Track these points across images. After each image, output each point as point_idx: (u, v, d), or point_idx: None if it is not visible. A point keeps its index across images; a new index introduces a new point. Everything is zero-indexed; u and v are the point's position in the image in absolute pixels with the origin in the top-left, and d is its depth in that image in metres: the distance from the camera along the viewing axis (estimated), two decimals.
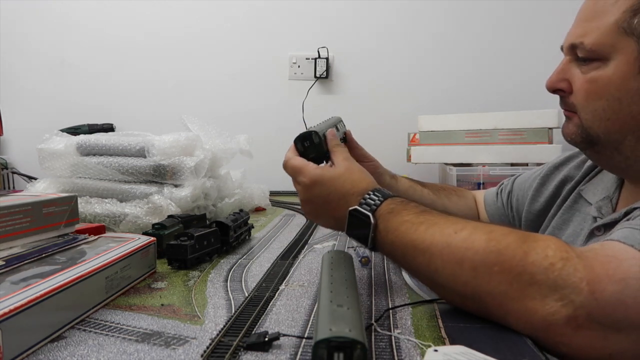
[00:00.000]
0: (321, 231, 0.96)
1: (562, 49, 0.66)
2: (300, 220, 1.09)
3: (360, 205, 0.55)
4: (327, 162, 0.63)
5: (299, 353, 0.39)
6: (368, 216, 0.53)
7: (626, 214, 0.56)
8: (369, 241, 0.53)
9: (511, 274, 0.43)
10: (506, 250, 0.44)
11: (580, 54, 0.60)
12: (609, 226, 0.60)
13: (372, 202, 0.54)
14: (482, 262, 0.45)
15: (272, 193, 1.38)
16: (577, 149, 0.80)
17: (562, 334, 0.42)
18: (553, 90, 0.64)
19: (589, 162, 0.75)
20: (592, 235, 0.64)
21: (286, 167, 0.63)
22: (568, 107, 0.63)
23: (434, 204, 0.82)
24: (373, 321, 0.46)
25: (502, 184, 0.92)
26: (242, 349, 0.40)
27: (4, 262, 0.49)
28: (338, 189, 0.58)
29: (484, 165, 1.39)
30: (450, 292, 0.49)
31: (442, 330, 0.45)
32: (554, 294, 0.41)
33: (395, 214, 0.53)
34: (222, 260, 0.71)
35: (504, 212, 0.90)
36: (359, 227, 0.54)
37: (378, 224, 0.53)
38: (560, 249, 0.43)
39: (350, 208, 0.55)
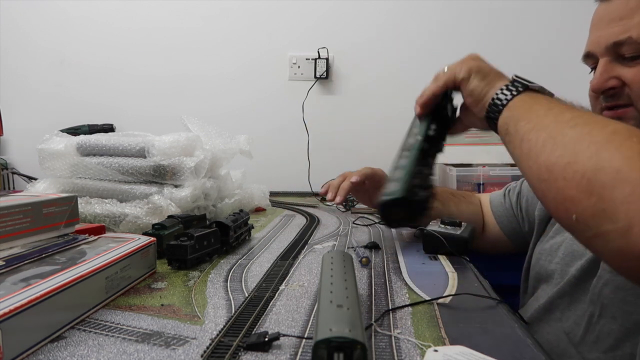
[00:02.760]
0: (321, 231, 0.96)
1: (586, 57, 0.68)
2: (300, 221, 1.09)
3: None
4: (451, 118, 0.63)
5: (299, 353, 0.39)
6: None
7: None
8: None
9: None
10: None
11: (626, 51, 0.61)
12: None
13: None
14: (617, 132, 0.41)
15: (272, 193, 1.38)
16: None
17: None
18: (603, 90, 0.64)
19: None
20: None
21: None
22: (621, 102, 0.63)
23: (441, 214, 0.84)
24: (373, 321, 0.46)
25: (509, 186, 0.93)
26: (242, 349, 0.40)
27: (4, 262, 0.49)
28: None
29: (484, 165, 1.39)
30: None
31: (442, 330, 0.45)
32: None
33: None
34: (222, 261, 0.71)
35: (512, 213, 0.90)
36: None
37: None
38: None
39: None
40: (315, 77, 1.77)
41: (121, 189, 0.91)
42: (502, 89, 0.56)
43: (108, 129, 1.74)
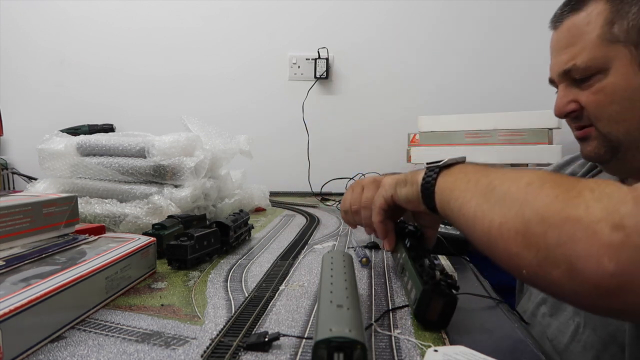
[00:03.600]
0: (321, 231, 0.96)
1: (550, 82, 0.72)
2: (300, 221, 1.09)
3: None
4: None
5: (299, 353, 0.39)
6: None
7: None
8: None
9: (560, 188, 0.40)
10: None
11: (576, 76, 0.65)
12: None
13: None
14: (539, 179, 0.43)
15: (272, 193, 1.38)
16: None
17: (609, 244, 0.35)
18: (564, 114, 0.69)
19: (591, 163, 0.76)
20: None
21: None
22: (583, 124, 0.67)
23: None
24: (373, 321, 0.46)
25: None
26: (242, 349, 0.40)
27: (4, 262, 0.49)
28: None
29: None
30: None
31: (442, 331, 0.45)
32: (598, 204, 0.37)
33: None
34: (222, 261, 0.71)
35: None
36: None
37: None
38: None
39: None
40: (315, 77, 1.77)
41: (121, 189, 0.91)
42: (423, 179, 0.57)
43: (108, 129, 1.74)
